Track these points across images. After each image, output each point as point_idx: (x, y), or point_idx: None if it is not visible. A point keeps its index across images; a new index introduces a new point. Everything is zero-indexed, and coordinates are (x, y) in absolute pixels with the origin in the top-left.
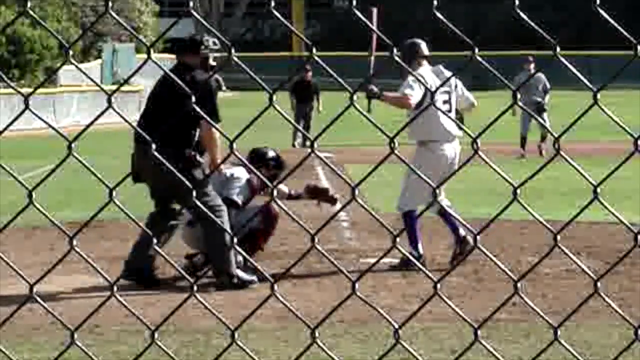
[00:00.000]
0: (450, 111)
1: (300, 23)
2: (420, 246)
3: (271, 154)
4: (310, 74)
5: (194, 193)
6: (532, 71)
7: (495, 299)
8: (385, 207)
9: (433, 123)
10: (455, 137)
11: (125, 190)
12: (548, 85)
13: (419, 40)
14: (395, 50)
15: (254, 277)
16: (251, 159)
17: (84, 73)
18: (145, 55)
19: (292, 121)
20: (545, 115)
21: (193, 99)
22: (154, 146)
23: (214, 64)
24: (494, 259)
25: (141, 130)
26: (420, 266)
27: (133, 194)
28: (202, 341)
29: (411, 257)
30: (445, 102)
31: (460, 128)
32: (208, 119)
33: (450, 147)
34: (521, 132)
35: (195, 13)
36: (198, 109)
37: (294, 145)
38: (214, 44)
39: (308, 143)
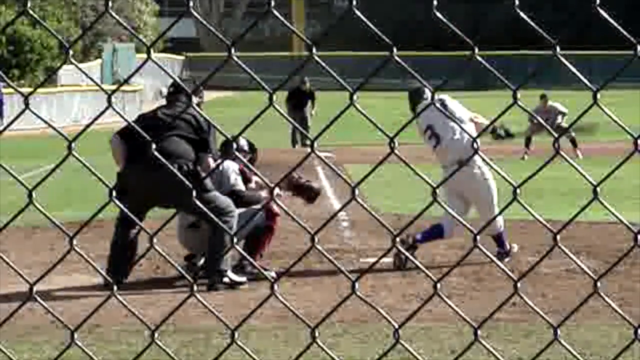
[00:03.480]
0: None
1: (301, 23)
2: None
3: (242, 141)
4: (308, 84)
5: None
6: (547, 106)
7: (495, 299)
8: (385, 207)
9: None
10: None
11: None
12: (564, 110)
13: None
14: (395, 49)
15: (244, 279)
16: (226, 150)
17: (84, 73)
18: (145, 55)
19: (292, 121)
20: (560, 117)
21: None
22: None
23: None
24: (494, 258)
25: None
26: (420, 265)
27: None
28: (202, 341)
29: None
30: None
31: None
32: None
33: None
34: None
35: (195, 13)
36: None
37: (293, 146)
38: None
39: (308, 142)
